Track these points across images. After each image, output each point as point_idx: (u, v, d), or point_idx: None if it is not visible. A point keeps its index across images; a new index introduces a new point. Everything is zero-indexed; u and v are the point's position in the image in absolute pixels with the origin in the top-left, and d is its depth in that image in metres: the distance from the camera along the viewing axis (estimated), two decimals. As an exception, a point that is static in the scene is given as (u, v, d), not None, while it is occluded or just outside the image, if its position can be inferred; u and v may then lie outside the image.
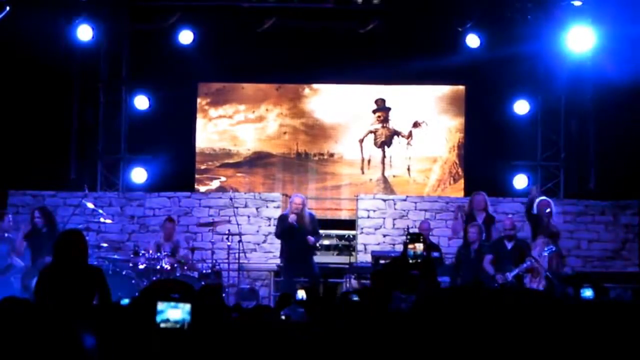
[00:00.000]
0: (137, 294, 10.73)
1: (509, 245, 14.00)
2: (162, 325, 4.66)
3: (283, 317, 8.70)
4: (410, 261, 5.88)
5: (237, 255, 16.03)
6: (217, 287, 9.10)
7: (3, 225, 14.70)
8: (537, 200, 14.91)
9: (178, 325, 4.69)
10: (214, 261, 15.62)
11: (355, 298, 11.35)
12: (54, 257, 8.49)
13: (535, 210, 14.58)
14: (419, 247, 5.93)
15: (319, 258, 16.23)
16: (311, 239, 15.14)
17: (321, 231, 15.72)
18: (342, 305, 11.12)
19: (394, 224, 17.52)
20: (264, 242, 17.43)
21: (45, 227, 14.15)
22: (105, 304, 8.11)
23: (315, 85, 19.41)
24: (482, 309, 3.02)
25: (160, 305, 4.64)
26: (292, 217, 15.02)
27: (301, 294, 12.89)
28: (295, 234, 15.02)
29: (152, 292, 5.57)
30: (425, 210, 17.59)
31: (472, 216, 15.26)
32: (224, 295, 13.84)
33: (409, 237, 6.18)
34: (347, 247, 17.80)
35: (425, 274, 5.96)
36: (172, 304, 4.67)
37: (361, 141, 19.20)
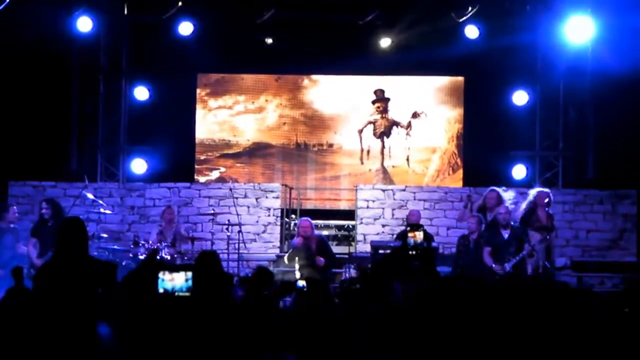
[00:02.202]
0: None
1: (506, 235, 14.01)
2: (164, 292, 4.72)
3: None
4: (411, 252, 5.92)
5: (236, 245, 16.07)
6: (215, 253, 9.09)
7: (8, 217, 14.71)
8: (536, 191, 14.97)
9: (180, 293, 4.75)
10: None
11: (357, 286, 11.41)
12: (54, 245, 8.50)
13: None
14: (419, 236, 5.96)
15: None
16: (320, 259, 14.59)
17: (320, 221, 15.69)
18: (344, 294, 11.18)
19: (393, 214, 17.55)
20: (264, 232, 17.48)
21: (52, 220, 14.10)
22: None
23: (314, 76, 19.46)
24: (480, 300, 3.06)
25: (162, 274, 4.71)
26: (298, 241, 14.68)
27: (302, 283, 12.92)
28: (307, 258, 14.41)
29: (152, 263, 5.64)
30: (424, 200, 17.62)
31: (483, 211, 15.23)
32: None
33: (409, 227, 6.20)
34: (347, 237, 17.87)
35: (425, 264, 6.00)
36: (173, 272, 4.72)
37: (360, 132, 19.25)
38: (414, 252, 6.02)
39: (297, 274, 13.81)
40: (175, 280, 4.79)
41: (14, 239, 14.54)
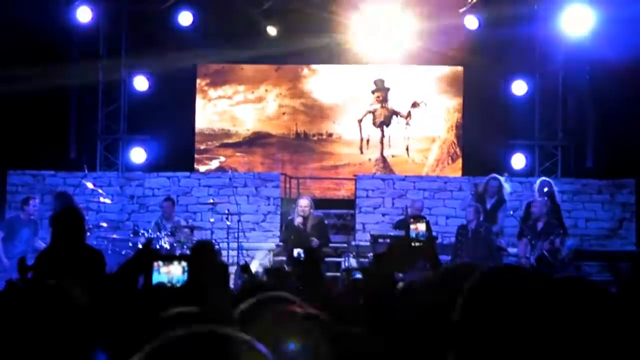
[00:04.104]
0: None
1: (540, 225, 14.02)
2: (158, 284, 4.72)
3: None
4: (413, 243, 5.91)
5: (236, 234, 16.10)
6: (210, 243, 9.10)
7: (28, 209, 14.71)
8: (539, 180, 15.05)
9: (175, 284, 4.75)
10: (214, 240, 15.68)
11: (359, 276, 11.42)
12: (51, 236, 8.51)
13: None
14: (421, 227, 5.97)
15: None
16: (315, 240, 14.24)
17: (320, 210, 15.66)
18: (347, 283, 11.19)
19: (393, 204, 17.58)
20: (263, 221, 17.51)
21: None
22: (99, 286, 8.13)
23: (314, 66, 19.47)
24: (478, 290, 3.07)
25: (156, 265, 4.70)
26: (298, 220, 14.37)
27: (297, 251, 12.91)
28: (302, 239, 14.06)
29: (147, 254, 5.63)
30: (424, 190, 17.65)
31: (482, 198, 15.26)
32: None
33: (411, 218, 6.22)
34: (346, 226, 17.90)
35: (428, 255, 6.00)
36: (168, 262, 4.72)
37: (360, 121, 19.27)
38: (416, 244, 6.03)
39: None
40: (171, 272, 4.78)
41: (31, 232, 14.50)
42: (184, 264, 4.71)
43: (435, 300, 3.30)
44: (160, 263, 4.68)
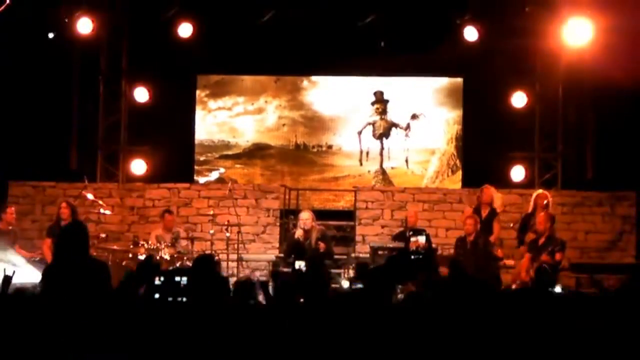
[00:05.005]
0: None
1: (542, 240, 14.02)
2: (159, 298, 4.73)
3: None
4: (412, 256, 5.91)
5: (236, 246, 16.11)
6: (211, 256, 9.10)
7: (5, 217, 14.68)
8: (535, 194, 15.08)
9: (178, 298, 4.77)
10: (214, 252, 15.69)
11: (359, 285, 11.40)
12: (55, 250, 8.53)
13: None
14: (421, 240, 5.95)
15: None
16: (322, 245, 14.55)
17: (319, 222, 15.64)
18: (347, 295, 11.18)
19: (392, 215, 17.59)
20: (263, 232, 17.52)
21: (68, 222, 14.01)
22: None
23: (314, 78, 19.49)
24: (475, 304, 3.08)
25: (158, 280, 4.73)
26: (299, 233, 14.54)
27: (299, 264, 12.89)
28: (304, 253, 14.14)
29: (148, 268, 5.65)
30: (424, 202, 17.67)
31: (477, 209, 15.33)
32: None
33: (411, 232, 6.15)
34: (346, 238, 17.90)
35: (427, 269, 5.99)
36: (169, 278, 4.75)
37: (359, 133, 19.27)
38: (416, 257, 6.00)
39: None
40: (172, 286, 4.81)
41: (8, 242, 14.45)
42: (184, 278, 4.73)
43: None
44: (162, 278, 4.70)
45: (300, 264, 12.68)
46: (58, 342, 4.51)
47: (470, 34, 17.50)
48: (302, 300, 6.70)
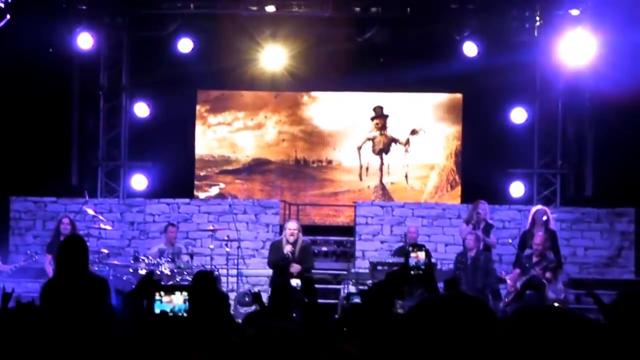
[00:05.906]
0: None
1: (536, 258, 14.04)
2: (160, 313, 4.76)
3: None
4: (412, 272, 5.92)
5: (236, 261, 16.12)
6: (211, 272, 9.14)
7: None
8: (534, 210, 15.06)
9: (177, 313, 4.79)
10: (213, 267, 15.70)
11: (357, 300, 11.43)
12: (55, 265, 8.55)
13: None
14: (421, 256, 5.98)
15: (317, 264, 15.88)
16: (295, 266, 13.69)
17: (319, 237, 15.69)
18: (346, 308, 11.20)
19: (391, 231, 17.61)
20: (262, 248, 17.50)
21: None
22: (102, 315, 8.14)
23: (313, 93, 19.55)
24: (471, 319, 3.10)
25: (158, 295, 4.75)
26: (288, 248, 13.78)
27: (295, 282, 12.89)
28: (285, 263, 13.76)
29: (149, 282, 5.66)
30: (423, 217, 17.69)
31: (476, 224, 15.32)
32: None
33: (410, 247, 6.21)
34: (345, 253, 17.91)
35: (427, 285, 6.02)
36: (169, 292, 4.77)
37: (359, 148, 19.32)
38: (415, 273, 6.03)
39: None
40: (173, 302, 4.83)
41: None
42: (185, 293, 4.77)
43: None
44: (162, 293, 4.73)
45: (297, 282, 12.67)
46: (57, 357, 4.52)
47: (470, 50, 17.55)
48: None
